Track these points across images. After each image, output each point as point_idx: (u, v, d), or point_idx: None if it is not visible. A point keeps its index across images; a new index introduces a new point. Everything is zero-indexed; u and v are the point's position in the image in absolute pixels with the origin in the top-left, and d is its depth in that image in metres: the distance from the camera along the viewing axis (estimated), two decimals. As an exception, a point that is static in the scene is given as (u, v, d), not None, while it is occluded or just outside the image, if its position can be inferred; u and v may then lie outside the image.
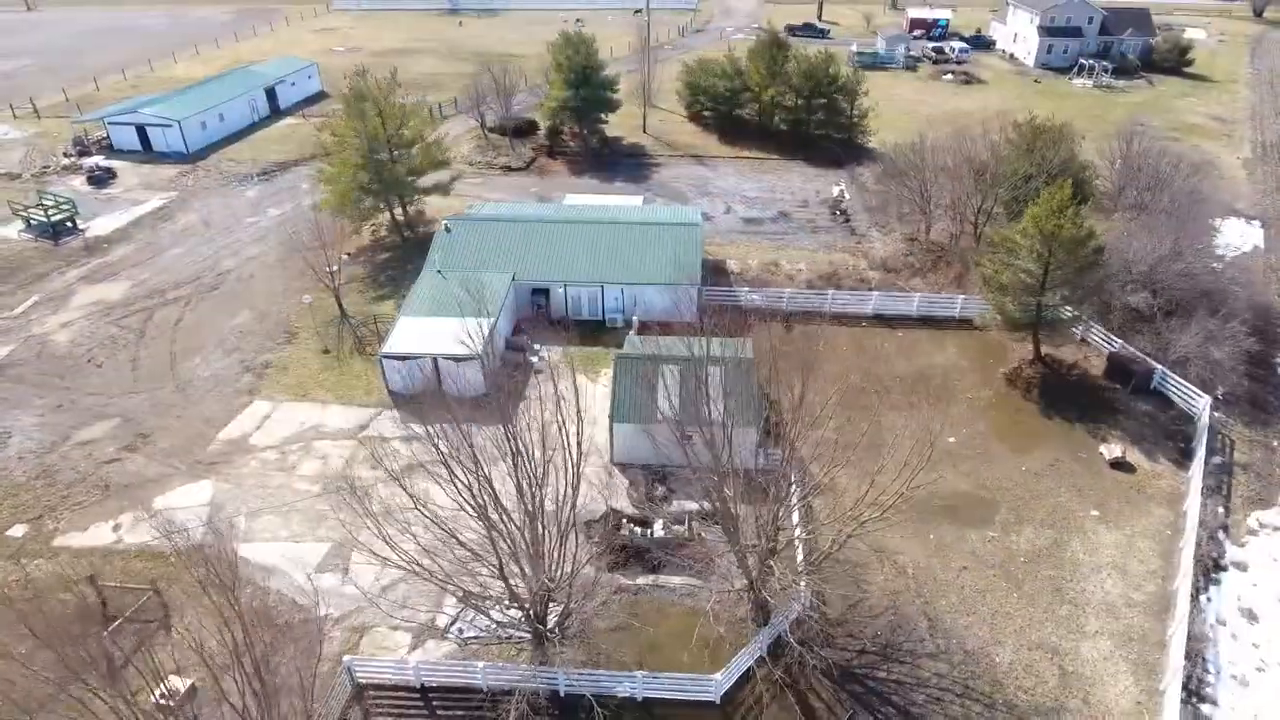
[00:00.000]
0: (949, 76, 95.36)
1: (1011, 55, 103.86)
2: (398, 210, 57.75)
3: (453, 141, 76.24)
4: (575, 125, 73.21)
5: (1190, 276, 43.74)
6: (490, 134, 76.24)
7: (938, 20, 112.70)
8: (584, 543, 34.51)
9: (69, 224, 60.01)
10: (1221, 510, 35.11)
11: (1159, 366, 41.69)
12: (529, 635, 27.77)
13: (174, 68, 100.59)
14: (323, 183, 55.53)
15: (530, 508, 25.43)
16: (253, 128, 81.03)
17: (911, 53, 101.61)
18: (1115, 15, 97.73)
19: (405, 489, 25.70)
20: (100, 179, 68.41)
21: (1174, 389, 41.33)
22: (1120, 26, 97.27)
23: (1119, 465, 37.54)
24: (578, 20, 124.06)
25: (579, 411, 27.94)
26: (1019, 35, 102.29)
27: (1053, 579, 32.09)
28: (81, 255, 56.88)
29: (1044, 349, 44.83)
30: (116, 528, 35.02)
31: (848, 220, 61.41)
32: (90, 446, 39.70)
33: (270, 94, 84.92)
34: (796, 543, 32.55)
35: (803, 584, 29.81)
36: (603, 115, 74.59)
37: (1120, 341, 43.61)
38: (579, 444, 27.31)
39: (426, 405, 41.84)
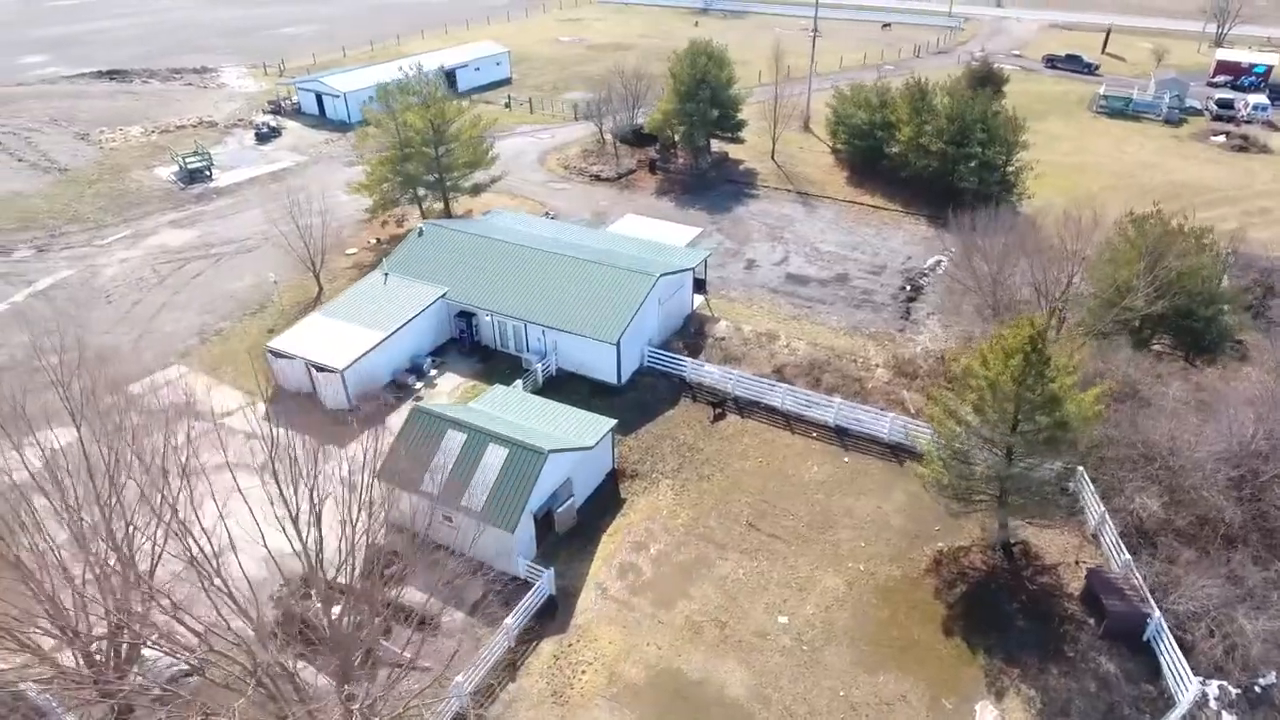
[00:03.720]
0: (1220, 138, 73.15)
1: (1342, 120, 77.07)
2: (436, 203, 57.48)
3: (562, 145, 74.67)
4: (685, 141, 67.47)
5: (1256, 489, 28.21)
6: (609, 140, 73.05)
7: (1254, 66, 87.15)
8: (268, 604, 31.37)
9: (205, 173, 68.14)
10: None
11: (1155, 612, 27.54)
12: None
13: (413, 44, 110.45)
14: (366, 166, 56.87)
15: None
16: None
17: (1188, 102, 79.53)
18: None
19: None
20: (264, 136, 77.00)
21: (1167, 653, 27.07)
22: None
23: (985, 740, 25.43)
24: (813, 29, 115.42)
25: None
26: (1359, 95, 75.47)
27: None
28: (190, 202, 64.28)
29: (1025, 533, 32.05)
30: (-17, 452, 38.62)
31: (912, 299, 49.39)
32: (36, 373, 44.30)
33: (450, 77, 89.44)
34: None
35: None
36: (717, 133, 68.06)
37: (1127, 556, 29.57)
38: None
39: (288, 408, 41.30)
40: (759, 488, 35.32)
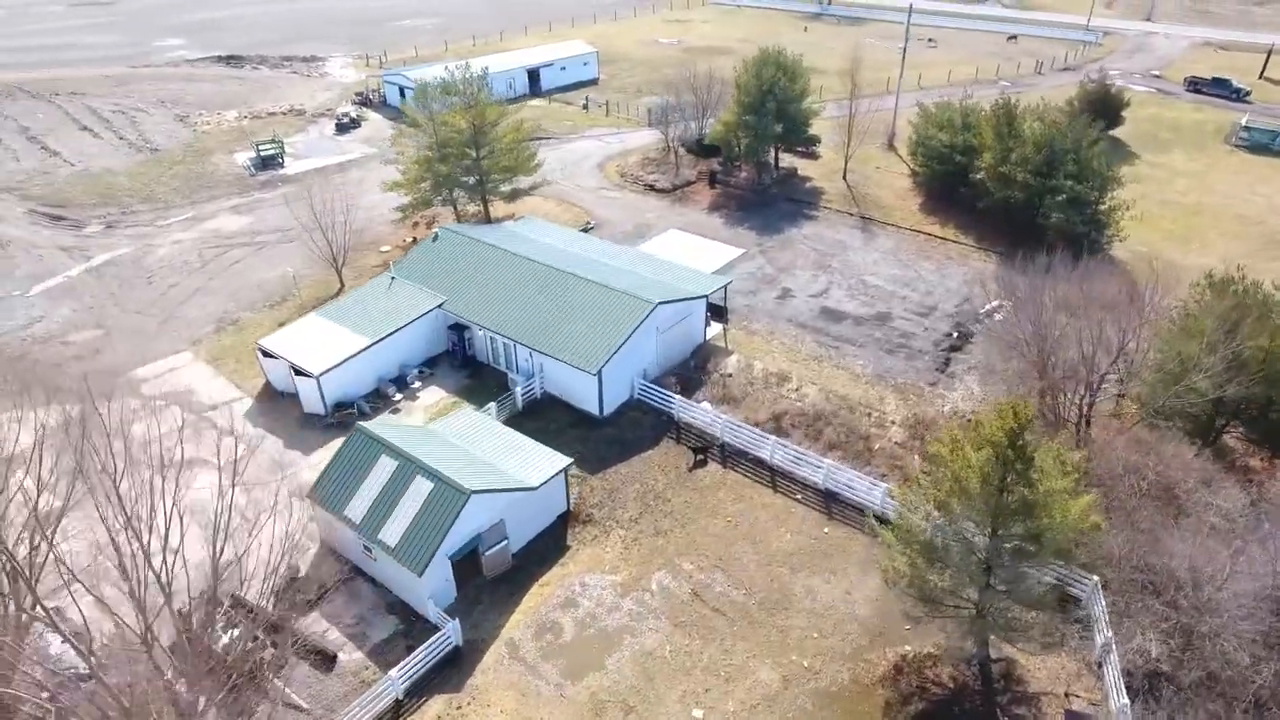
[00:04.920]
0: (1387, 184, 62.32)
1: None
2: (470, 206, 56.53)
3: (630, 151, 72.25)
4: (747, 155, 63.62)
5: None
6: (674, 149, 70.00)
7: None
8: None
9: (278, 160, 70.08)
10: None
11: (1141, 779, 22.40)
12: None
13: (515, 40, 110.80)
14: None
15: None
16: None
17: (1354, 139, 68.44)
18: None
19: None
20: (344, 126, 78.66)
21: (1149, 834, 21.91)
22: None
23: None
24: (930, 40, 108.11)
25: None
26: None
27: None
28: (255, 188, 66.11)
29: (1012, 649, 27.17)
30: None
31: (956, 349, 44.05)
32: (64, 346, 46.14)
33: (534, 76, 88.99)
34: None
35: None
36: (790, 148, 64.11)
37: (1125, 701, 24.31)
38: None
39: (269, 408, 40.82)
40: (718, 552, 31.78)
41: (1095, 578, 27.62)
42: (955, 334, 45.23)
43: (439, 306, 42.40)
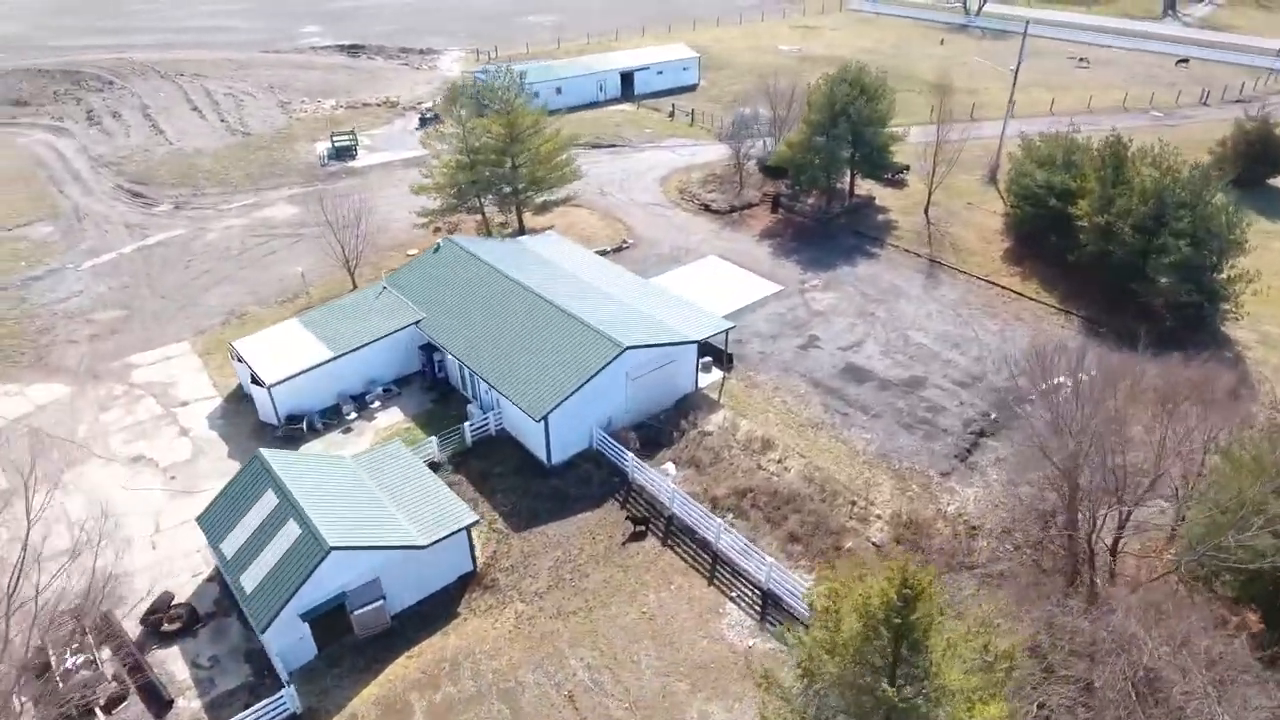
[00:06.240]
0: None
1: None
2: (501, 216, 54.25)
3: (700, 164, 67.76)
4: (813, 180, 57.65)
5: None
6: (744, 167, 64.86)
7: None
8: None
9: (350, 152, 70.80)
10: None
11: None
12: None
13: (630, 40, 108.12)
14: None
15: None
16: (591, 106, 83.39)
17: None
18: None
19: None
20: (427, 120, 78.71)
21: None
22: None
23: None
24: (1081, 59, 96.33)
25: None
26: None
27: None
28: (319, 179, 66.75)
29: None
30: (-13, 390, 41.73)
31: (986, 434, 37.10)
32: (87, 324, 47.55)
33: (627, 78, 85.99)
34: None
35: None
36: (861, 174, 57.76)
37: None
38: None
39: (231, 411, 39.87)
40: (617, 650, 27.49)
41: (1055, 774, 21.37)
42: (993, 415, 38.20)
43: (415, 324, 40.16)
